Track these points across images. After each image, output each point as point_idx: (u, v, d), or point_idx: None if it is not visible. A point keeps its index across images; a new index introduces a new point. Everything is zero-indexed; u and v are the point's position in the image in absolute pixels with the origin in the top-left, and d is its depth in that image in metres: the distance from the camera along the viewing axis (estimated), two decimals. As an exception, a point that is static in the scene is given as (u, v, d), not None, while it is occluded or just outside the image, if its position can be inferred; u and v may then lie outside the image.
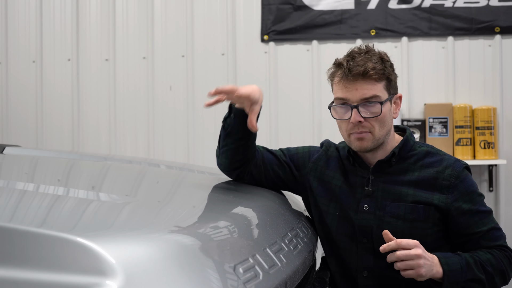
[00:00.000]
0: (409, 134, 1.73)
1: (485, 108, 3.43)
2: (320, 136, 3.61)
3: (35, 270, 0.88)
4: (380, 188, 1.67)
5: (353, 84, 1.60)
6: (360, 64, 1.59)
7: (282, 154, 1.82)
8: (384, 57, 1.65)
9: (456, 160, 1.68)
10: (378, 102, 1.60)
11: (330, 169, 1.77)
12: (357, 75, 1.59)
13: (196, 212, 1.36)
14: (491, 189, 3.51)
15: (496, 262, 1.60)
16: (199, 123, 3.77)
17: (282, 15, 3.71)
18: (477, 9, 3.55)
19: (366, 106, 1.61)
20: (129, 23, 3.86)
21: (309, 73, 3.69)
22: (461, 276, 1.54)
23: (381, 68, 1.61)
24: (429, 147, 1.73)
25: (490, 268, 1.58)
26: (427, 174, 1.66)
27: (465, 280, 1.54)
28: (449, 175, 1.64)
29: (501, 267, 1.60)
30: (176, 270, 0.94)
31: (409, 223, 1.63)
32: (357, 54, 1.63)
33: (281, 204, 1.66)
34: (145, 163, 2.21)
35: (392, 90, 1.66)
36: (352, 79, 1.60)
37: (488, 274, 1.57)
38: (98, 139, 3.88)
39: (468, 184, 1.65)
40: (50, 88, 3.92)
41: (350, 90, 1.61)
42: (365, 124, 1.61)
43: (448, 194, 1.63)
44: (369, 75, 1.58)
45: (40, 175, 1.78)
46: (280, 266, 1.19)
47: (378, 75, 1.60)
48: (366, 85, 1.60)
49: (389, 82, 1.65)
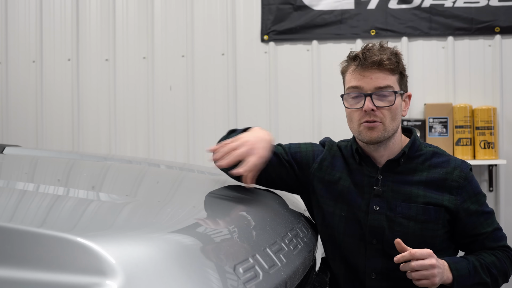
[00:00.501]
0: (415, 134, 1.74)
1: (485, 108, 3.43)
2: (320, 135, 3.60)
3: (35, 270, 0.88)
4: (390, 188, 1.65)
5: (369, 73, 1.61)
6: (377, 54, 1.61)
7: (284, 152, 1.78)
8: (398, 53, 1.67)
9: (463, 162, 1.69)
10: (392, 91, 1.61)
11: (336, 169, 1.74)
12: (373, 63, 1.60)
13: (196, 212, 1.36)
14: (491, 189, 3.51)
15: (500, 264, 1.64)
16: (199, 123, 3.77)
17: (282, 15, 3.71)
18: (477, 9, 3.55)
19: (379, 95, 1.61)
20: (129, 23, 3.86)
21: (309, 73, 3.69)
22: (469, 280, 1.58)
23: (396, 61, 1.63)
24: (435, 148, 1.73)
25: (495, 270, 1.63)
26: (436, 175, 1.65)
27: (472, 284, 1.59)
28: (458, 176, 1.65)
29: (505, 269, 1.65)
30: (176, 270, 0.94)
31: (421, 224, 1.62)
32: (372, 47, 1.65)
33: (281, 204, 1.66)
34: (145, 163, 2.21)
35: (403, 87, 1.68)
36: (369, 67, 1.61)
37: (493, 276, 1.62)
38: (98, 139, 3.88)
39: (475, 185, 1.68)
40: (50, 88, 3.92)
41: (365, 79, 1.62)
42: (377, 113, 1.61)
43: (457, 196, 1.63)
44: (384, 65, 1.60)
45: (40, 175, 1.78)
46: (280, 266, 1.19)
47: (393, 66, 1.61)
48: (381, 74, 1.61)
49: (402, 77, 1.67)
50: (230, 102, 3.73)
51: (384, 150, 1.68)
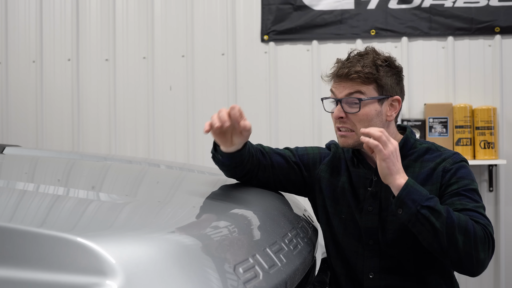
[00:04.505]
0: (409, 132, 1.74)
1: (485, 108, 3.43)
2: (320, 136, 3.61)
3: (35, 270, 0.88)
4: (383, 189, 1.66)
5: (339, 83, 1.68)
6: (347, 66, 1.65)
7: (292, 155, 1.81)
8: (378, 62, 1.66)
9: (456, 153, 1.68)
10: (358, 99, 1.64)
11: (339, 172, 1.78)
12: (341, 76, 1.66)
13: (196, 212, 1.36)
14: (491, 189, 3.51)
15: (465, 221, 1.47)
16: (199, 123, 3.77)
17: (282, 15, 3.71)
18: (477, 9, 3.55)
19: (348, 102, 1.65)
20: (129, 23, 3.86)
21: (309, 73, 3.69)
22: (421, 198, 1.47)
23: (368, 72, 1.63)
24: (430, 144, 1.73)
25: (455, 218, 1.46)
26: (426, 169, 1.66)
27: (423, 205, 1.46)
28: (446, 162, 1.64)
29: (469, 228, 1.46)
30: (176, 270, 0.94)
31: None
32: (352, 56, 1.70)
33: (281, 204, 1.66)
34: (145, 163, 2.21)
35: (385, 92, 1.66)
36: (338, 79, 1.68)
37: (451, 219, 1.45)
38: (98, 139, 3.88)
39: (463, 171, 1.62)
40: (50, 88, 3.92)
41: (337, 87, 1.68)
42: (346, 120, 1.66)
43: (442, 179, 1.62)
44: (352, 78, 1.64)
45: (40, 175, 1.78)
46: (280, 266, 1.19)
47: (362, 78, 1.64)
48: (351, 84, 1.65)
49: (380, 85, 1.66)
50: (230, 102, 3.73)
51: None
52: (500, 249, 3.48)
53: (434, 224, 1.45)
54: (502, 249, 3.49)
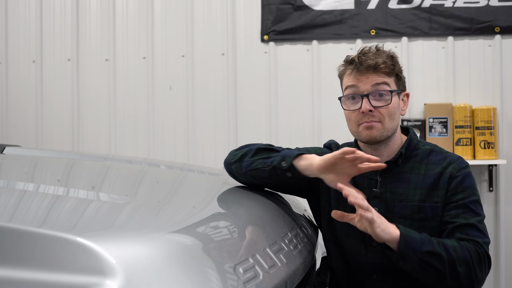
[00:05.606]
0: (412, 133, 1.74)
1: (485, 108, 3.43)
2: (320, 136, 3.61)
3: (35, 270, 0.88)
4: (388, 190, 1.66)
5: (364, 75, 1.64)
6: (372, 58, 1.63)
7: None
8: (394, 56, 1.70)
9: (459, 157, 1.70)
10: (388, 91, 1.63)
11: None
12: (368, 67, 1.63)
13: (196, 212, 1.36)
14: (491, 189, 3.51)
15: (462, 251, 1.49)
16: (199, 123, 3.77)
17: (282, 15, 3.71)
18: (477, 9, 3.55)
19: (376, 95, 1.64)
20: (129, 23, 3.86)
21: (309, 73, 3.69)
22: (419, 245, 1.47)
23: (391, 64, 1.65)
24: (433, 146, 1.74)
25: (453, 252, 1.48)
26: (432, 172, 1.66)
27: (423, 252, 1.46)
28: (452, 167, 1.65)
29: (467, 258, 1.49)
30: (176, 270, 0.94)
31: (417, 222, 1.62)
32: (368, 51, 1.68)
33: (281, 204, 1.66)
34: (145, 163, 2.21)
35: (401, 87, 1.70)
36: (364, 71, 1.64)
37: (450, 256, 1.48)
38: (98, 139, 3.87)
39: (468, 179, 1.64)
40: (50, 88, 3.92)
41: (361, 80, 1.64)
42: (375, 113, 1.63)
43: (449, 185, 1.63)
44: (380, 68, 1.63)
45: (40, 175, 1.78)
46: (280, 266, 1.19)
47: (389, 69, 1.64)
48: (377, 76, 1.64)
49: (399, 79, 1.69)
50: (230, 102, 3.73)
51: (384, 150, 1.69)
52: (500, 249, 3.48)
53: (437, 268, 1.48)
54: (502, 249, 3.48)
